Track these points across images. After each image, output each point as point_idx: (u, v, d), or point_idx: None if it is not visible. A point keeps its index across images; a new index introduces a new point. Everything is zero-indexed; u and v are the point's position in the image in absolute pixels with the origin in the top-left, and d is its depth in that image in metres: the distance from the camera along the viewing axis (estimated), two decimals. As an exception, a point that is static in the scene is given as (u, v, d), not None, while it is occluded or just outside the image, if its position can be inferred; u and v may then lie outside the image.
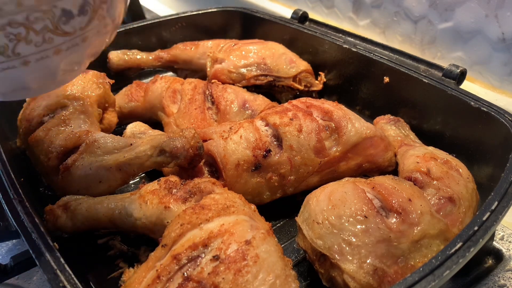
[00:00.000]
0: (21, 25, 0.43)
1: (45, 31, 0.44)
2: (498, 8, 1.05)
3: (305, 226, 0.69)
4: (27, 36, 0.43)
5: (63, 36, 0.46)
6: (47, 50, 0.46)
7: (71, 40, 0.47)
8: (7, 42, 0.43)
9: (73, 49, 0.49)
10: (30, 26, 0.43)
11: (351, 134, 0.86)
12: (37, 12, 0.43)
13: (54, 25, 0.45)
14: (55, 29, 0.45)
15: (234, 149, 0.83)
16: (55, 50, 0.47)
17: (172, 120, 1.03)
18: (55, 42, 0.46)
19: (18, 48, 0.44)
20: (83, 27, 0.48)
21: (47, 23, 0.44)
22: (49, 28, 0.45)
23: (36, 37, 0.44)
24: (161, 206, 0.71)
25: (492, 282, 0.78)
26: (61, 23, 0.45)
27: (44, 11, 0.43)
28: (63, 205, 0.76)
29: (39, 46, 0.45)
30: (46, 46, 0.45)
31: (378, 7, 1.36)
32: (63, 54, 0.48)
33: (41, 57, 0.46)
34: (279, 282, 0.57)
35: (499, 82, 1.14)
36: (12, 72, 0.45)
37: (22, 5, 0.42)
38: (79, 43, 0.49)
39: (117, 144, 0.80)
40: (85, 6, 0.47)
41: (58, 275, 0.55)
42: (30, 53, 0.45)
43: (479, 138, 0.87)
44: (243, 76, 1.15)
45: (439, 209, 0.71)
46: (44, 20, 0.44)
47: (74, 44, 0.48)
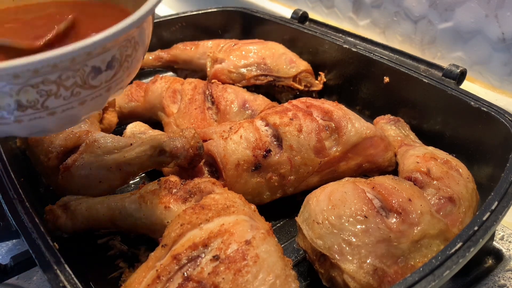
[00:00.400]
0: (53, 82, 0.45)
1: (74, 87, 0.47)
2: (498, 8, 1.05)
3: (305, 226, 0.69)
4: (57, 92, 0.46)
5: (90, 89, 0.49)
6: (73, 102, 0.48)
7: (96, 92, 0.50)
8: (38, 98, 0.45)
9: (96, 99, 0.51)
10: (61, 83, 0.45)
11: (351, 134, 0.86)
12: (69, 71, 0.45)
13: (83, 80, 0.47)
14: (83, 84, 0.48)
15: (234, 149, 0.83)
16: (81, 101, 0.49)
17: (172, 120, 1.03)
18: (82, 95, 0.48)
19: (47, 102, 0.46)
20: (108, 80, 0.50)
21: (77, 80, 0.47)
22: (78, 84, 0.47)
23: (65, 92, 0.46)
24: (161, 206, 0.71)
25: (492, 282, 0.77)
26: (89, 78, 0.48)
27: (76, 69, 0.46)
28: (63, 205, 0.76)
29: (67, 99, 0.47)
30: (73, 99, 0.48)
31: (378, 7, 1.36)
32: (87, 104, 0.50)
33: (67, 108, 0.48)
34: (279, 282, 0.57)
35: (499, 82, 1.14)
36: (38, 121, 0.48)
37: (57, 67, 0.44)
38: (103, 93, 0.51)
39: (117, 144, 0.80)
40: (112, 62, 0.49)
41: (58, 275, 0.55)
42: (57, 105, 0.47)
43: (479, 138, 0.87)
44: (243, 76, 1.15)
45: (439, 209, 0.71)
46: (74, 78, 0.46)
47: (99, 95, 0.51)
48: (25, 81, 0.43)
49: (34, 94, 0.45)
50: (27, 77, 0.43)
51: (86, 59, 0.46)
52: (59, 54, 0.43)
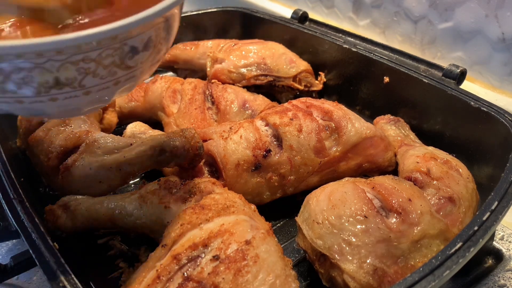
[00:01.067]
0: (93, 60, 0.45)
1: (112, 66, 0.47)
2: (498, 8, 1.05)
3: (305, 226, 0.69)
4: (95, 70, 0.46)
5: (125, 70, 0.49)
6: (109, 82, 0.48)
7: (130, 73, 0.50)
8: (77, 75, 0.45)
9: (130, 80, 0.51)
10: (101, 62, 0.45)
11: (351, 134, 0.86)
12: (110, 50, 0.45)
13: (121, 60, 0.47)
14: (120, 64, 0.48)
15: (234, 149, 0.83)
16: (115, 81, 0.49)
17: (172, 120, 1.03)
18: (118, 75, 0.49)
19: (84, 80, 0.46)
20: (143, 61, 0.51)
21: (116, 59, 0.47)
22: (116, 63, 0.47)
23: (103, 71, 0.46)
24: (161, 206, 0.71)
25: (492, 282, 0.78)
26: (127, 58, 0.48)
27: (115, 48, 0.46)
28: (63, 205, 0.76)
29: (103, 79, 0.47)
30: (109, 79, 0.48)
31: (378, 7, 1.36)
32: (121, 84, 0.50)
33: (102, 88, 0.48)
34: (279, 282, 0.57)
35: (499, 82, 1.14)
36: (72, 100, 0.48)
37: (100, 44, 0.44)
38: (137, 75, 0.52)
39: (117, 144, 0.80)
40: (149, 43, 0.50)
41: (58, 275, 0.55)
42: (94, 84, 0.47)
43: (479, 138, 0.87)
44: (243, 76, 1.15)
45: (439, 209, 0.71)
46: (113, 56, 0.46)
47: (132, 76, 0.51)
48: (67, 58, 0.43)
49: (74, 71, 0.44)
50: (69, 53, 0.43)
51: (127, 37, 0.46)
52: (105, 30, 0.42)
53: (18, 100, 0.46)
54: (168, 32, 0.54)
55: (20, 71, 0.42)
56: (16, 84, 0.43)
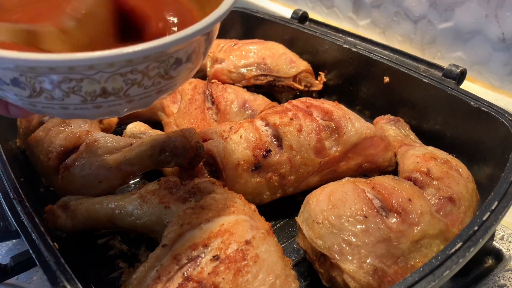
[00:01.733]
0: (140, 72, 0.45)
1: (157, 77, 0.48)
2: (498, 8, 1.05)
3: (305, 226, 0.69)
4: (141, 81, 0.46)
5: (169, 80, 0.50)
6: (152, 91, 0.49)
7: (172, 82, 0.51)
8: (123, 86, 0.46)
9: (171, 88, 0.52)
10: (147, 73, 0.46)
11: (351, 134, 0.86)
12: (156, 62, 0.46)
13: (166, 71, 0.48)
14: (165, 74, 0.48)
15: (234, 149, 0.83)
16: (158, 90, 0.50)
17: (172, 120, 1.03)
18: (161, 85, 0.49)
19: (129, 90, 0.46)
20: (185, 70, 0.51)
21: (161, 70, 0.47)
22: (160, 74, 0.48)
23: (148, 81, 0.47)
24: (161, 206, 0.71)
25: (492, 282, 0.78)
26: (171, 70, 0.48)
27: (162, 60, 0.46)
28: (63, 205, 0.76)
29: (147, 89, 0.48)
30: (152, 88, 0.49)
31: (378, 7, 1.36)
32: (162, 92, 0.51)
33: (144, 96, 0.49)
34: (279, 282, 0.57)
35: (499, 82, 1.14)
36: (115, 107, 0.49)
37: (148, 57, 0.45)
38: (178, 83, 0.52)
39: (117, 144, 0.80)
40: (192, 54, 0.50)
41: (58, 275, 0.55)
42: (137, 94, 0.48)
43: (479, 138, 0.87)
44: (243, 76, 1.15)
45: (439, 209, 0.71)
46: (159, 68, 0.47)
47: (174, 84, 0.52)
48: (116, 70, 0.43)
49: (121, 82, 0.45)
50: (119, 66, 0.43)
51: (173, 51, 0.47)
52: (156, 46, 0.43)
53: (64, 107, 0.47)
54: (209, 42, 0.55)
55: (70, 81, 0.43)
56: (64, 92, 0.44)
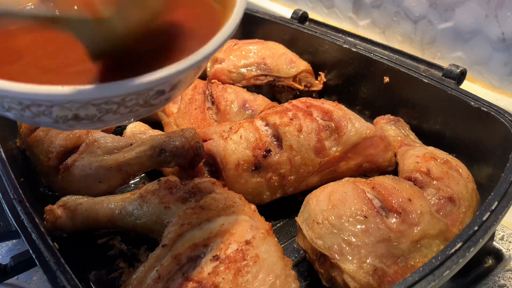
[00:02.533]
0: (116, 103, 0.44)
1: (134, 106, 0.46)
2: (498, 8, 1.05)
3: (305, 226, 0.69)
4: (116, 110, 0.45)
5: (148, 107, 0.48)
6: (129, 117, 0.48)
7: (153, 108, 0.49)
8: (97, 113, 0.44)
9: (150, 112, 0.50)
10: (123, 104, 0.44)
11: (351, 134, 0.86)
12: (134, 95, 0.44)
13: (145, 101, 0.46)
14: (144, 104, 0.46)
15: (234, 149, 0.83)
16: (136, 116, 0.48)
17: (172, 120, 1.03)
18: (139, 112, 0.47)
19: (104, 117, 0.45)
20: (168, 98, 0.49)
21: (139, 101, 0.45)
22: (139, 104, 0.46)
23: (125, 110, 0.45)
24: (161, 206, 0.71)
25: (492, 282, 0.78)
26: (151, 99, 0.46)
27: (140, 93, 0.44)
28: (63, 205, 0.76)
29: (124, 115, 0.46)
30: (130, 115, 0.47)
31: (378, 7, 1.36)
32: (141, 116, 0.49)
33: (121, 121, 0.48)
34: (279, 282, 0.57)
35: (499, 82, 1.13)
36: (89, 127, 0.47)
37: (121, 95, 0.43)
38: (158, 108, 0.50)
39: (117, 144, 0.80)
40: (178, 84, 0.48)
41: (58, 275, 0.55)
42: (113, 119, 0.46)
43: (479, 138, 0.87)
44: (243, 76, 1.15)
45: (439, 209, 0.71)
46: (138, 100, 0.45)
47: (154, 109, 0.50)
48: (88, 102, 0.42)
49: (94, 111, 0.44)
50: (90, 99, 0.42)
51: (154, 86, 0.44)
52: (130, 86, 0.41)
53: (35, 122, 0.46)
54: (198, 71, 0.52)
55: (39, 106, 0.42)
56: (33, 114, 0.43)
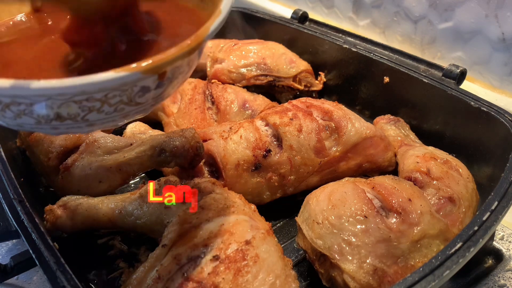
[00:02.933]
0: (98, 100, 0.43)
1: (119, 104, 0.44)
2: (498, 8, 1.05)
3: (305, 226, 0.69)
4: (100, 108, 0.44)
5: (135, 106, 0.46)
6: (115, 116, 0.46)
7: (141, 107, 0.47)
8: (80, 112, 0.43)
9: (140, 112, 0.49)
10: (106, 101, 0.43)
11: (351, 134, 0.86)
12: (116, 91, 0.43)
13: (129, 99, 0.45)
14: (129, 102, 0.45)
15: (234, 149, 0.83)
16: (123, 115, 0.47)
17: (172, 120, 1.03)
18: (125, 111, 0.46)
19: (88, 116, 0.44)
20: (155, 97, 0.48)
21: (123, 98, 0.44)
22: (123, 101, 0.44)
23: (109, 108, 0.44)
24: (161, 206, 0.71)
25: (492, 282, 0.78)
26: (136, 97, 0.45)
27: (123, 90, 0.43)
28: (63, 205, 0.76)
29: (109, 114, 0.45)
30: (115, 114, 0.46)
31: (378, 7, 1.36)
32: (130, 116, 0.48)
33: (107, 121, 0.46)
34: (279, 282, 0.57)
35: (499, 82, 1.13)
36: (74, 129, 0.46)
37: (104, 89, 0.42)
38: (148, 108, 0.49)
39: (117, 144, 0.80)
40: (164, 81, 0.46)
41: (58, 275, 0.55)
42: (98, 119, 0.45)
43: (479, 138, 0.87)
44: (243, 76, 1.15)
45: (439, 209, 0.71)
46: (121, 96, 0.44)
47: (143, 109, 0.48)
48: (69, 98, 0.41)
49: (76, 109, 0.42)
50: (72, 94, 0.41)
51: (136, 81, 0.43)
52: (110, 79, 0.40)
53: (19, 125, 0.45)
54: (189, 65, 0.50)
55: (19, 104, 0.41)
56: (14, 114, 0.42)
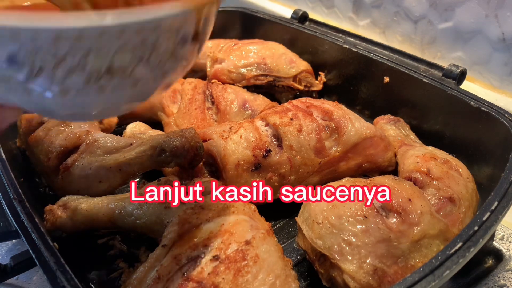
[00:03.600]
0: (149, 45, 0.40)
1: (164, 55, 0.43)
2: (498, 8, 1.05)
3: (305, 226, 0.69)
4: (149, 58, 0.41)
5: (173, 61, 0.45)
6: (157, 74, 0.44)
7: (177, 65, 0.46)
8: (130, 62, 0.40)
9: (173, 74, 0.47)
10: (156, 48, 0.41)
11: (351, 134, 0.86)
12: (168, 33, 0.41)
13: (173, 48, 0.43)
14: (172, 53, 0.44)
15: (234, 149, 0.83)
16: (163, 73, 0.45)
17: (172, 120, 1.03)
18: (166, 68, 0.45)
19: (136, 69, 0.42)
20: (187, 54, 0.47)
21: (169, 46, 0.43)
22: (168, 51, 0.43)
23: (155, 59, 0.42)
24: (161, 206, 0.71)
25: (492, 282, 0.78)
26: (178, 48, 0.44)
27: (173, 32, 0.42)
28: (63, 205, 0.76)
29: (153, 70, 0.43)
30: (157, 71, 0.44)
31: (378, 7, 1.36)
32: (165, 78, 0.46)
33: (148, 80, 0.44)
34: (279, 282, 0.57)
35: (499, 82, 1.14)
36: (118, 93, 0.43)
37: (160, 27, 0.40)
38: (179, 69, 0.47)
39: (117, 144, 0.80)
40: (196, 34, 0.46)
41: (58, 275, 0.55)
42: (143, 75, 0.43)
43: (479, 138, 0.87)
44: (243, 76, 1.15)
45: (439, 209, 0.71)
46: (168, 43, 0.42)
47: (178, 67, 0.47)
48: (127, 40, 0.38)
49: (129, 57, 0.40)
50: (130, 34, 0.38)
51: (184, 23, 0.42)
52: (172, 13, 0.39)
53: (65, 89, 0.40)
54: (208, 25, 0.49)
55: (75, 55, 0.37)
56: (68, 70, 0.38)
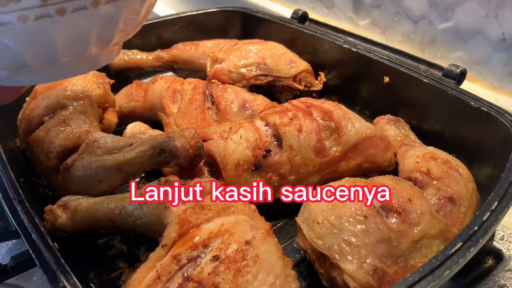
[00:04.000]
0: None
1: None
2: (498, 8, 1.05)
3: (305, 226, 0.69)
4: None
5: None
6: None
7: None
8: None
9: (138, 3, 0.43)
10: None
11: (351, 134, 0.86)
12: None
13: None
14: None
15: (234, 149, 0.83)
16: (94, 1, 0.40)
17: (172, 120, 1.03)
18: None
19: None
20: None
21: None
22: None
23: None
24: (161, 206, 0.71)
25: (492, 282, 0.78)
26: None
27: None
28: (63, 205, 0.76)
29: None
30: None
31: (378, 7, 1.36)
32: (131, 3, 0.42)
33: (78, 6, 0.39)
34: (279, 282, 0.57)
35: (499, 82, 1.14)
36: (81, 16, 0.39)
37: None
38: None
39: (117, 144, 0.80)
40: None
41: (58, 275, 0.55)
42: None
43: (479, 138, 0.87)
44: (243, 76, 1.15)
45: (439, 209, 0.71)
46: None
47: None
48: None
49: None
50: None
51: None
52: None
53: (22, 17, 0.37)
54: None
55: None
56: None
